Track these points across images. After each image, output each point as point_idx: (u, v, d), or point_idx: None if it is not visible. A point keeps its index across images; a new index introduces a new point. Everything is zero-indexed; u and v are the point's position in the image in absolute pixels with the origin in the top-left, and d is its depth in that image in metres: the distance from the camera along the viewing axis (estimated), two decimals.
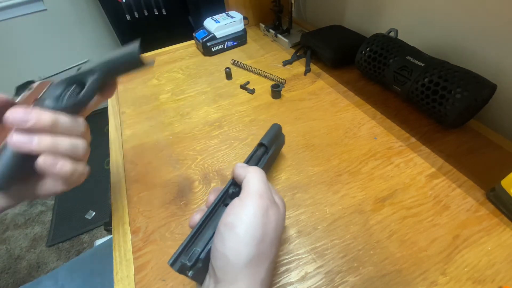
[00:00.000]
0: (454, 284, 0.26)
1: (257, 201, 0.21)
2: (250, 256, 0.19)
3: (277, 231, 0.22)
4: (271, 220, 0.21)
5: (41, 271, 1.07)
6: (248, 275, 0.19)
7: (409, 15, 0.51)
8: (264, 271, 0.20)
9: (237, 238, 0.20)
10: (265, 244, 0.20)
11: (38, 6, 1.38)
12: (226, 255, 0.20)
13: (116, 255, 0.31)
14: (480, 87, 0.35)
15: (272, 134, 0.34)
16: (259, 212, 0.21)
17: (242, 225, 0.20)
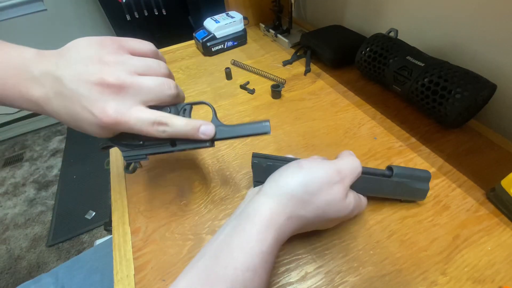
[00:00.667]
0: (454, 284, 0.26)
1: (333, 171, 0.25)
2: (294, 192, 0.23)
3: (328, 205, 0.24)
4: (330, 193, 0.24)
5: (41, 271, 1.07)
6: (283, 202, 0.23)
7: (409, 15, 0.51)
8: (294, 214, 0.23)
9: (297, 174, 0.24)
10: (310, 198, 0.23)
11: (38, 6, 1.38)
12: (281, 179, 0.24)
13: (116, 255, 0.31)
14: (480, 87, 0.35)
15: (412, 173, 0.30)
16: (326, 177, 0.24)
17: (306, 172, 0.24)
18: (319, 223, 0.26)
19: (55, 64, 0.23)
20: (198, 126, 0.25)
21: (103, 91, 0.22)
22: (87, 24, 1.52)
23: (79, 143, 1.65)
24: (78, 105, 0.22)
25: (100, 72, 0.23)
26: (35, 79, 0.23)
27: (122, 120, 0.23)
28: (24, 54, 0.24)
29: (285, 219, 0.23)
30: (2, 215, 1.30)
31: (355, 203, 0.26)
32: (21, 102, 0.24)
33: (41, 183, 1.44)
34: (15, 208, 1.33)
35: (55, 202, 1.33)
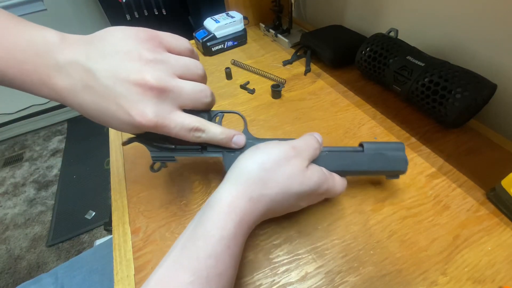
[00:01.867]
0: (454, 284, 0.26)
1: (288, 147, 0.25)
2: (251, 173, 0.24)
3: (288, 179, 0.24)
4: (288, 167, 0.24)
5: (41, 271, 1.07)
6: (242, 185, 0.23)
7: (409, 15, 0.51)
8: (256, 194, 0.23)
9: (253, 155, 0.25)
10: (268, 176, 0.24)
11: (38, 6, 1.38)
12: (239, 163, 0.25)
13: (116, 255, 0.31)
14: (480, 87, 0.35)
15: (384, 145, 0.29)
16: (281, 153, 0.25)
17: (262, 152, 0.25)
18: (288, 201, 0.25)
19: (85, 54, 0.22)
20: (231, 135, 0.27)
21: (144, 93, 0.22)
22: (87, 24, 1.51)
23: (79, 143, 1.65)
24: (112, 103, 0.22)
25: (141, 72, 0.22)
26: (60, 67, 0.21)
27: (162, 124, 0.23)
28: (47, 37, 0.22)
29: (246, 201, 0.23)
30: (2, 215, 1.30)
31: (320, 176, 0.26)
32: (41, 89, 0.22)
33: (41, 183, 1.44)
34: (15, 208, 1.33)
35: (55, 202, 1.33)
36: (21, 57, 0.21)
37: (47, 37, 0.22)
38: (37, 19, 1.39)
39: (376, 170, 0.29)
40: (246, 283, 0.27)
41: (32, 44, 0.21)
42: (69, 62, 0.21)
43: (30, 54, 0.21)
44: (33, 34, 0.22)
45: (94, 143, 1.61)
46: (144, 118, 0.22)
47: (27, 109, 1.68)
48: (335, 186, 0.27)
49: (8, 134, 1.71)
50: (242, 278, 0.27)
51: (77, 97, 0.22)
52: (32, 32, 0.22)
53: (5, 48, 0.21)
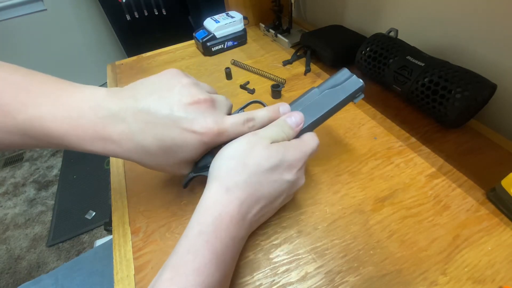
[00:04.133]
0: (454, 284, 0.26)
1: (249, 136, 0.25)
2: (221, 167, 0.24)
3: (255, 159, 0.24)
4: (254, 150, 0.24)
5: (41, 271, 1.07)
6: (216, 180, 0.24)
7: (409, 15, 0.51)
8: (230, 182, 0.23)
9: (219, 154, 0.25)
10: (237, 163, 0.24)
11: (38, 6, 1.38)
12: (211, 163, 0.25)
13: (116, 255, 0.31)
14: (480, 87, 0.35)
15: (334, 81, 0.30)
16: (245, 142, 0.25)
17: (228, 146, 0.25)
18: (267, 180, 0.24)
19: (132, 97, 0.24)
20: (277, 107, 0.28)
21: (199, 108, 0.24)
22: (87, 24, 1.52)
23: None
24: (175, 129, 0.23)
25: (190, 92, 0.25)
26: (113, 115, 0.23)
27: (222, 128, 0.25)
28: (95, 92, 0.24)
29: (223, 193, 0.23)
30: (2, 215, 1.30)
31: (283, 145, 0.26)
32: (93, 143, 0.23)
33: (41, 183, 1.44)
34: (15, 208, 1.33)
35: (55, 202, 1.33)
36: (77, 114, 0.22)
37: (95, 92, 0.24)
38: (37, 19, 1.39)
39: (342, 100, 0.29)
40: (246, 283, 0.27)
41: (84, 100, 0.23)
42: (121, 108, 0.23)
43: (84, 110, 0.23)
44: (82, 91, 0.24)
45: None
46: (207, 128, 0.24)
47: None
48: (306, 144, 0.27)
49: None
50: (242, 278, 0.27)
51: (136, 139, 0.23)
52: (81, 89, 0.24)
53: (64, 109, 0.22)
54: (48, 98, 0.22)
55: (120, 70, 0.64)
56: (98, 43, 1.60)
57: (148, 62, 0.66)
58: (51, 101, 0.22)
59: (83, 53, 1.59)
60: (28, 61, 1.50)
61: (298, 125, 0.27)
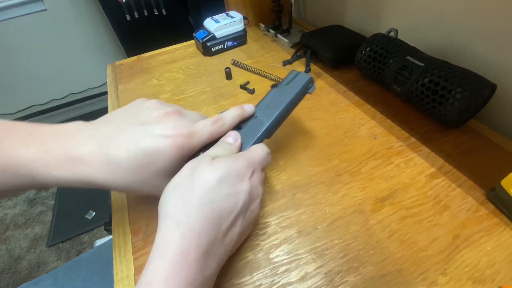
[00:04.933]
0: (454, 284, 0.26)
1: (189, 162, 0.23)
2: (167, 202, 0.22)
3: (206, 183, 0.21)
4: (198, 173, 0.22)
5: (41, 271, 1.07)
6: (164, 217, 0.21)
7: (409, 15, 0.51)
8: (180, 214, 0.20)
9: (165, 190, 0.22)
10: (181, 193, 0.22)
11: (38, 6, 1.38)
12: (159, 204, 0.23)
13: (116, 255, 0.31)
14: (480, 87, 0.35)
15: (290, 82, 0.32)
16: (186, 169, 0.23)
17: (172, 179, 0.23)
18: (223, 199, 0.22)
19: (104, 120, 0.25)
20: (241, 106, 0.29)
21: (168, 118, 0.25)
22: (87, 24, 1.51)
23: None
24: (148, 138, 0.23)
25: (157, 108, 0.26)
26: (84, 137, 0.23)
27: (193, 129, 0.25)
28: (69, 124, 0.24)
29: (174, 228, 0.20)
30: (2, 215, 1.30)
31: (228, 156, 0.24)
32: (62, 166, 0.22)
33: None
34: (15, 208, 1.33)
35: (55, 202, 1.33)
36: (48, 140, 0.22)
37: (68, 125, 0.24)
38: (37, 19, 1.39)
39: (296, 94, 0.31)
40: (246, 283, 0.27)
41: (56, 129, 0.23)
42: (91, 129, 0.24)
43: (55, 136, 0.23)
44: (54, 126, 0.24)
45: None
46: (178, 130, 0.24)
47: (27, 109, 1.68)
48: (252, 152, 0.26)
49: None
50: (242, 278, 0.27)
51: (107, 155, 0.22)
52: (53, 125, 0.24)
53: (36, 138, 0.22)
54: (20, 135, 0.22)
55: (120, 70, 0.64)
56: (98, 43, 1.59)
57: (148, 62, 0.66)
58: (23, 134, 0.22)
59: (83, 53, 1.59)
60: (28, 61, 1.50)
61: (236, 139, 0.27)
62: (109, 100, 0.55)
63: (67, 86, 1.69)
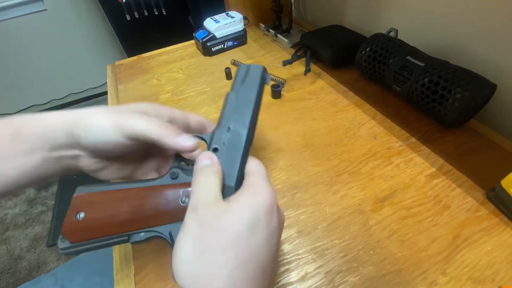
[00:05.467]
0: (454, 284, 0.26)
1: (192, 216, 0.18)
2: (187, 273, 0.16)
3: (234, 237, 0.16)
4: (215, 228, 0.17)
5: (41, 271, 1.07)
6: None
7: (409, 15, 0.51)
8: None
9: (175, 257, 0.17)
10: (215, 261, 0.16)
11: (38, 6, 1.38)
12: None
13: (116, 255, 0.31)
14: (480, 87, 0.35)
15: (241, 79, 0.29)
16: (193, 226, 0.17)
17: (179, 243, 0.17)
18: (260, 247, 0.17)
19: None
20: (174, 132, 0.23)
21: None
22: (87, 24, 1.51)
23: None
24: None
25: None
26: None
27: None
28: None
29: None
30: (2, 215, 1.30)
31: (239, 192, 0.19)
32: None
33: None
34: (15, 208, 1.33)
35: (55, 202, 1.33)
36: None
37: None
38: (37, 19, 1.39)
39: (258, 88, 0.28)
40: None
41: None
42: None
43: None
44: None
45: None
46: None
47: (27, 109, 1.68)
48: (260, 171, 0.21)
49: None
50: None
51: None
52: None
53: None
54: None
55: (120, 70, 0.64)
56: (98, 43, 1.59)
57: (148, 62, 0.66)
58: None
59: (83, 53, 1.59)
60: (28, 61, 1.50)
61: (211, 158, 0.21)
62: (109, 100, 0.55)
63: (67, 86, 1.69)
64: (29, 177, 0.23)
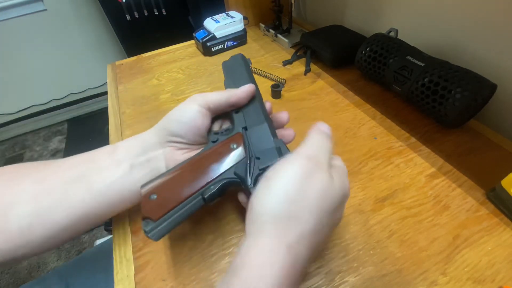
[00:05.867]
0: (454, 284, 0.26)
1: (302, 161, 0.20)
2: (276, 213, 0.18)
3: (320, 200, 0.19)
4: (314, 186, 0.19)
5: (41, 271, 1.07)
6: (272, 233, 0.18)
7: (409, 15, 0.51)
8: (294, 236, 0.18)
9: (268, 191, 0.19)
10: (299, 207, 0.18)
11: (38, 6, 1.38)
12: (254, 206, 0.19)
13: (116, 255, 0.31)
14: (480, 87, 0.35)
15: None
16: (300, 172, 0.19)
17: (277, 180, 0.19)
18: (329, 224, 0.20)
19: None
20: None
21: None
22: (87, 24, 1.51)
23: (79, 143, 1.65)
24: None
25: None
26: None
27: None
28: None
29: (284, 253, 0.17)
30: None
31: (342, 173, 0.22)
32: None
33: None
34: None
35: None
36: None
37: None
38: (37, 19, 1.39)
39: (247, 71, 0.33)
40: None
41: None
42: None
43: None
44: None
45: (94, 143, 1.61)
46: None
47: (27, 109, 1.68)
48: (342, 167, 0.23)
49: (9, 134, 1.71)
50: None
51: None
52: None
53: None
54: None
55: (120, 70, 0.64)
56: (98, 43, 1.59)
57: (148, 62, 0.66)
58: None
59: (83, 53, 1.59)
60: (28, 61, 1.50)
61: (329, 129, 0.24)
62: (109, 100, 0.55)
63: (67, 86, 1.69)
64: (114, 189, 0.26)
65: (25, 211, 0.23)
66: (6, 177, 0.26)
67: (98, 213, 0.26)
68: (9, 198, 0.24)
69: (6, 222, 0.23)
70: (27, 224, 0.23)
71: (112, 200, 0.26)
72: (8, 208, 0.23)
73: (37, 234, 0.24)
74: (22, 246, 0.23)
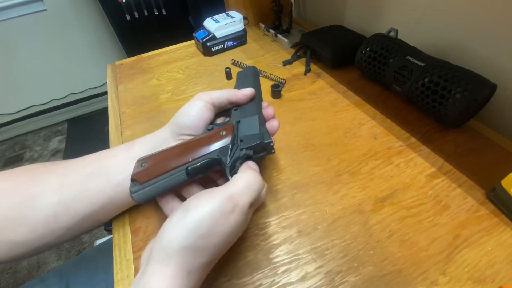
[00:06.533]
0: (454, 284, 0.26)
1: (223, 200, 0.21)
2: (184, 245, 0.20)
3: (229, 237, 0.22)
4: (227, 225, 0.21)
5: (41, 271, 1.07)
6: (178, 261, 0.20)
7: (409, 15, 0.51)
8: (197, 264, 0.20)
9: (182, 223, 0.21)
10: (207, 242, 0.20)
11: (38, 6, 1.38)
12: (165, 233, 0.21)
13: (116, 255, 0.31)
14: (480, 87, 0.35)
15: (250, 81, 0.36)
16: (217, 210, 0.21)
17: (193, 214, 0.21)
18: (224, 250, 0.23)
19: None
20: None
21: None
22: (87, 24, 1.51)
23: (79, 143, 1.65)
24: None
25: None
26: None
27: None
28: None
29: (185, 277, 0.20)
30: None
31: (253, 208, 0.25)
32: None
33: None
34: None
35: None
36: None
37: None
38: (37, 19, 1.39)
39: (254, 79, 0.37)
40: (246, 283, 0.27)
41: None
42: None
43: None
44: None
45: (94, 143, 1.61)
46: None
47: (27, 109, 1.68)
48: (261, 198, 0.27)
49: (9, 134, 1.71)
50: (242, 278, 0.27)
51: None
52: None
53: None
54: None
55: (120, 70, 0.64)
56: (98, 43, 1.59)
57: (148, 62, 0.66)
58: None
59: (83, 53, 1.59)
60: (28, 61, 1.50)
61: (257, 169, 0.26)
62: (109, 100, 0.55)
63: (67, 86, 1.69)
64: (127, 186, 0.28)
65: (51, 201, 0.25)
66: (32, 173, 0.28)
67: (117, 202, 0.29)
68: (36, 190, 0.26)
69: (33, 211, 0.25)
70: (52, 213, 0.25)
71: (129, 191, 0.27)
72: (34, 199, 0.25)
73: (61, 223, 0.26)
74: (47, 234, 0.25)
